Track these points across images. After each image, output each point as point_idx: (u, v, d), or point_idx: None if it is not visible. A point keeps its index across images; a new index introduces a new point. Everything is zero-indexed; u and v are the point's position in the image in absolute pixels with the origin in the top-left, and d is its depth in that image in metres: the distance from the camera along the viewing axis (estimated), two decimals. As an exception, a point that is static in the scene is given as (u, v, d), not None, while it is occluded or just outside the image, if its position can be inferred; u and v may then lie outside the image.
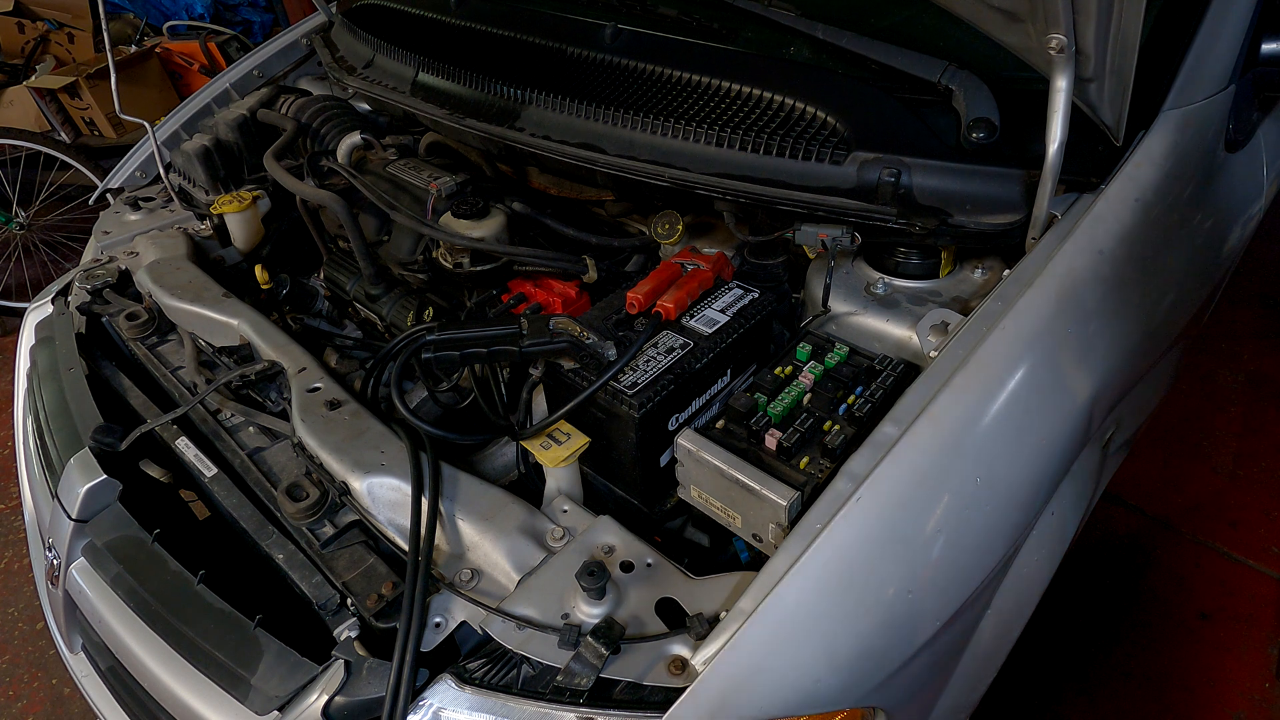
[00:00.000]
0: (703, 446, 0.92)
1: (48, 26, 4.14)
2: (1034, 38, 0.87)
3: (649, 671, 0.77)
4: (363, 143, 1.54)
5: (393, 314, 1.32)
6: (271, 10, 5.12)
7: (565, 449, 0.97)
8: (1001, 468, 0.85)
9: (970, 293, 1.08)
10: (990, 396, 0.85)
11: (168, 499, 1.22)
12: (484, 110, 1.36)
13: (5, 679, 1.99)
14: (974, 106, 1.03)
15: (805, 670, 0.75)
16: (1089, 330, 0.93)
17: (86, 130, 4.00)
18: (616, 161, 1.18)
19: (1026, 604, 1.00)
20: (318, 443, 1.01)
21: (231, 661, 0.88)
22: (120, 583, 1.01)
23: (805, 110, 1.10)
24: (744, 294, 1.12)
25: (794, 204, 1.07)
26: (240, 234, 1.54)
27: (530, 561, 0.89)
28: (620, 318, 1.08)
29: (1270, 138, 1.31)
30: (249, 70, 1.97)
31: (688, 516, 1.11)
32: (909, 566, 0.79)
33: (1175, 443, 2.34)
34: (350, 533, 0.96)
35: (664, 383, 0.96)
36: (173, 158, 1.70)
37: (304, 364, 1.16)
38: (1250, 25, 1.12)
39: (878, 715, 0.82)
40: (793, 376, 0.99)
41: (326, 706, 0.80)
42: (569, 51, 1.36)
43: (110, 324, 1.42)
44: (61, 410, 1.20)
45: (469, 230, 1.25)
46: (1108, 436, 1.09)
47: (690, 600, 0.83)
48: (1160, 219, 1.02)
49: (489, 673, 0.81)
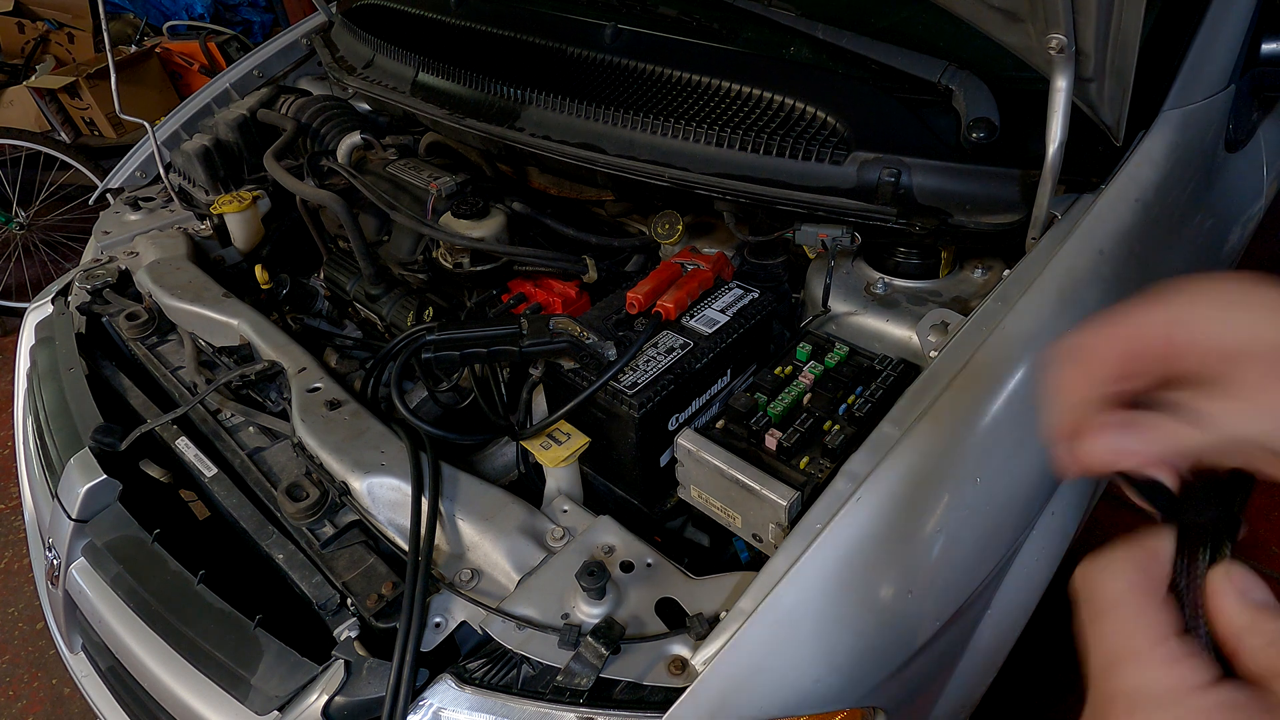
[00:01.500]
0: (703, 446, 0.92)
1: (48, 26, 4.14)
2: (1034, 38, 0.87)
3: (649, 671, 0.76)
4: (363, 143, 1.54)
5: (393, 314, 1.32)
6: (271, 10, 5.12)
7: (565, 449, 0.97)
8: (1001, 468, 0.85)
9: (970, 293, 1.08)
10: (990, 396, 0.84)
11: (168, 499, 1.22)
12: (484, 110, 1.36)
13: (5, 679, 1.99)
14: (974, 106, 1.03)
15: (805, 670, 0.75)
16: (1089, 330, 0.92)
17: (86, 130, 4.00)
18: (616, 161, 1.18)
19: (1026, 604, 1.00)
20: (318, 443, 1.01)
21: (231, 661, 0.87)
22: (120, 583, 1.01)
23: (805, 110, 1.10)
24: (744, 294, 1.11)
25: (794, 204, 1.07)
26: (240, 234, 1.54)
27: (530, 561, 0.89)
28: (620, 318, 1.08)
29: (1270, 138, 1.31)
30: (249, 70, 1.97)
31: (688, 516, 1.11)
32: (909, 566, 0.79)
33: (1175, 443, 2.34)
34: (350, 533, 0.96)
35: (664, 383, 0.96)
36: (173, 158, 1.69)
37: (304, 364, 1.16)
38: (1250, 25, 1.12)
39: (878, 715, 0.82)
40: (793, 376, 0.99)
41: (326, 706, 0.80)
42: (569, 51, 1.36)
43: (110, 324, 1.42)
44: (61, 410, 1.20)
45: (469, 230, 1.25)
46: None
47: (690, 600, 0.82)
48: (1160, 219, 1.02)
49: (489, 673, 0.81)
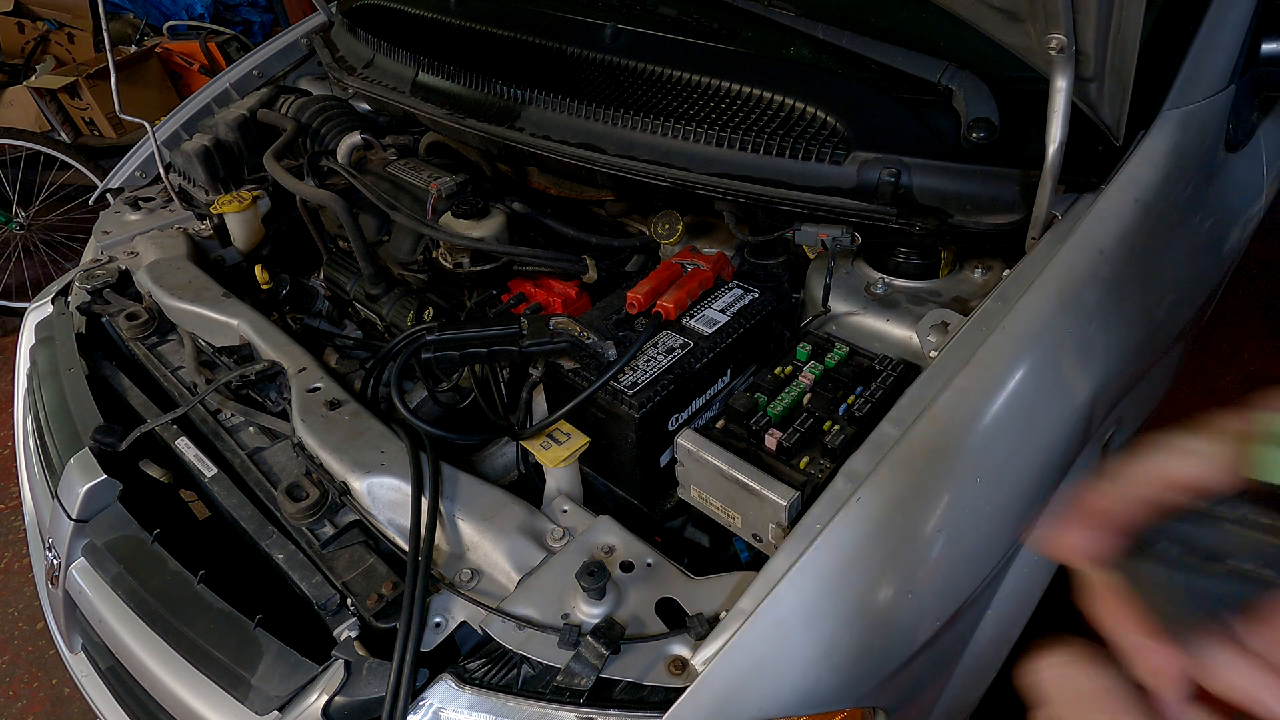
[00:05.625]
0: (703, 446, 0.91)
1: (48, 26, 4.14)
2: (1034, 38, 0.87)
3: (649, 671, 0.76)
4: (363, 143, 1.54)
5: (393, 314, 1.32)
6: (271, 10, 5.12)
7: (565, 449, 0.97)
8: (1001, 468, 0.85)
9: (970, 293, 1.08)
10: (990, 396, 0.84)
11: (168, 499, 1.22)
12: (484, 110, 1.36)
13: (5, 679, 1.99)
14: (974, 106, 1.03)
15: (805, 670, 0.75)
16: (1089, 330, 0.93)
17: (86, 130, 4.00)
18: (616, 161, 1.18)
19: (1026, 604, 1.00)
20: (318, 443, 1.01)
21: (231, 661, 0.87)
22: (120, 583, 1.01)
23: (805, 110, 1.10)
24: (744, 294, 1.11)
25: (794, 204, 1.07)
26: (240, 234, 1.54)
27: (530, 561, 0.89)
28: (620, 318, 1.08)
29: (1270, 138, 1.31)
30: (249, 70, 1.97)
31: (688, 516, 1.11)
32: (909, 566, 0.79)
33: (1175, 443, 2.34)
34: (350, 533, 0.96)
35: (664, 383, 0.96)
36: (173, 158, 1.69)
37: (304, 364, 1.16)
38: (1250, 25, 1.12)
39: (878, 715, 0.82)
40: (793, 376, 0.99)
41: (326, 706, 0.80)
42: (569, 51, 1.36)
43: (110, 324, 1.42)
44: (61, 410, 1.20)
45: (469, 230, 1.25)
46: (1108, 436, 1.09)
47: (690, 600, 0.82)
48: (1160, 219, 1.02)
49: (489, 673, 0.81)
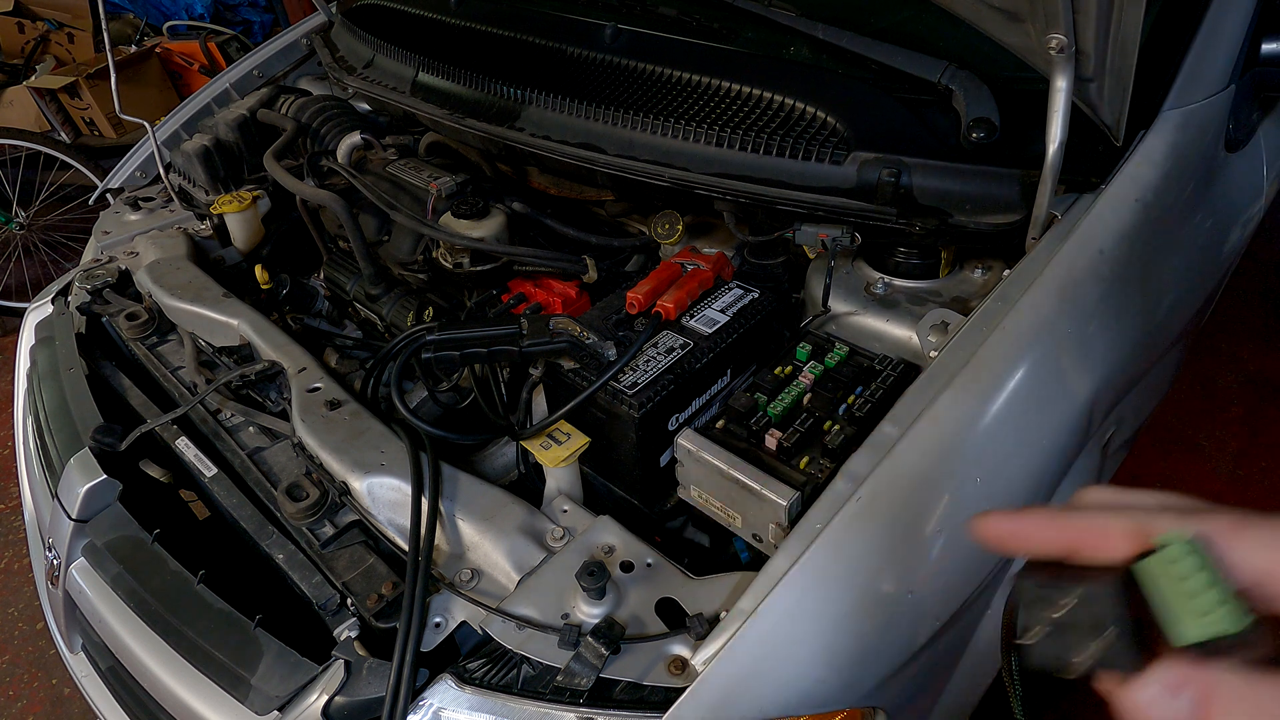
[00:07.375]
0: (703, 446, 0.91)
1: (48, 26, 4.14)
2: (1034, 38, 0.87)
3: (649, 671, 0.76)
4: (363, 143, 1.54)
5: (393, 314, 1.32)
6: (271, 10, 5.12)
7: (565, 449, 0.97)
8: (1001, 468, 0.85)
9: (970, 293, 1.08)
10: (990, 396, 0.84)
11: (168, 499, 1.22)
12: (484, 110, 1.36)
13: (5, 679, 1.99)
14: (974, 106, 1.03)
15: (805, 670, 0.75)
16: (1089, 330, 0.93)
17: (86, 130, 4.00)
18: (616, 161, 1.18)
19: (1026, 604, 1.00)
20: (318, 443, 1.01)
21: (231, 661, 0.87)
22: (120, 583, 1.01)
23: (805, 110, 1.10)
24: (744, 294, 1.11)
25: (794, 204, 1.07)
26: (240, 234, 1.54)
27: (530, 561, 0.89)
28: (620, 318, 1.08)
29: (1270, 138, 1.31)
30: (249, 70, 1.96)
31: (688, 516, 1.11)
32: (909, 566, 0.79)
33: (1175, 443, 2.34)
34: (350, 533, 0.96)
35: (664, 383, 0.96)
36: (173, 158, 1.69)
37: (304, 364, 1.16)
38: (1250, 25, 1.12)
39: (878, 715, 0.82)
40: (793, 376, 0.99)
41: (326, 706, 0.80)
42: (569, 51, 1.36)
43: (110, 324, 1.42)
44: (61, 410, 1.20)
45: (469, 230, 1.25)
46: (1108, 436, 1.09)
47: (690, 600, 0.82)
48: (1160, 219, 1.02)
49: (489, 673, 0.81)
